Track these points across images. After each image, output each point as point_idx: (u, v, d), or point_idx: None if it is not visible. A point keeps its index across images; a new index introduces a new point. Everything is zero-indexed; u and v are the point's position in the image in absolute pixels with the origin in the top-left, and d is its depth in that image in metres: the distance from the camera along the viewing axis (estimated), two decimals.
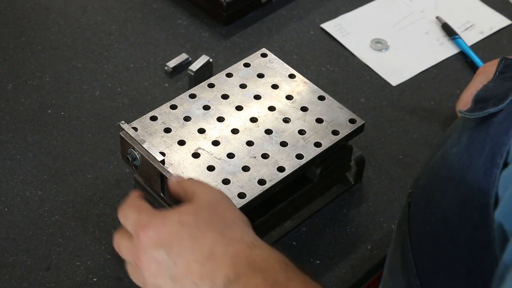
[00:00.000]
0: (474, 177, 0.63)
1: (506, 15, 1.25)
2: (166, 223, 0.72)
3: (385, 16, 1.24)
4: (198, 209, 0.73)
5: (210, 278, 0.68)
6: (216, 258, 0.68)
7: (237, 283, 0.66)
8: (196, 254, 0.69)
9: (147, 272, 0.72)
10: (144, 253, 0.71)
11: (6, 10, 1.20)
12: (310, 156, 0.87)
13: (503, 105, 0.63)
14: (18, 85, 1.08)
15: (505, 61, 0.70)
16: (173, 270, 0.70)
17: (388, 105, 1.09)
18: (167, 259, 0.70)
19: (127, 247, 0.74)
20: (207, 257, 0.69)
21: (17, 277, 0.86)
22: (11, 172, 0.97)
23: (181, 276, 0.70)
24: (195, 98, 0.92)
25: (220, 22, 1.19)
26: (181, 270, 0.70)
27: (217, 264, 0.68)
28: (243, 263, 0.68)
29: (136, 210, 0.74)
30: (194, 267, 0.69)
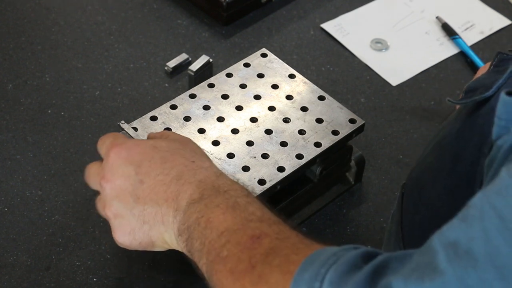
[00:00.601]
0: (463, 167, 0.64)
1: (506, 15, 1.25)
2: (140, 144, 0.74)
3: (385, 16, 1.24)
4: (171, 141, 0.76)
5: (174, 199, 0.69)
6: (183, 181, 0.70)
7: (200, 204, 0.68)
8: (164, 175, 0.70)
9: (110, 191, 0.72)
10: (111, 169, 0.72)
11: (6, 10, 1.20)
12: (310, 156, 0.87)
13: (489, 93, 0.64)
14: (18, 85, 1.08)
15: (500, 55, 0.71)
16: (138, 188, 0.71)
17: (388, 105, 1.09)
18: (134, 176, 0.71)
19: (95, 171, 0.75)
20: (174, 180, 0.70)
21: (17, 277, 0.86)
22: (11, 172, 0.97)
23: (145, 195, 0.71)
24: (195, 98, 0.92)
25: (220, 22, 1.19)
26: (146, 190, 0.71)
27: (183, 186, 0.69)
28: (208, 187, 0.69)
29: (112, 136, 0.77)
30: (160, 187, 0.70)
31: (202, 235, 0.66)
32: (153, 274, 0.87)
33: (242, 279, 0.60)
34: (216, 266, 0.63)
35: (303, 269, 0.55)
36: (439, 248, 0.48)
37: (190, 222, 0.68)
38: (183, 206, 0.69)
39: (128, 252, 0.89)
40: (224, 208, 0.66)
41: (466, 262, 0.47)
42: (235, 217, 0.65)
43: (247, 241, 0.62)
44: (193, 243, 0.67)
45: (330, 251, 0.56)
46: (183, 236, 0.68)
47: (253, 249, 0.61)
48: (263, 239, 0.62)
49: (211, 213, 0.66)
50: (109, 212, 0.73)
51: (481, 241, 0.47)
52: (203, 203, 0.68)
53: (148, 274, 0.87)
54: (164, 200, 0.70)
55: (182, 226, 0.68)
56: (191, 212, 0.68)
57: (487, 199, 0.49)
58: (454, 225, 0.50)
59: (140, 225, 0.72)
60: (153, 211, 0.71)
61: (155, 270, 0.88)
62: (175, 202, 0.69)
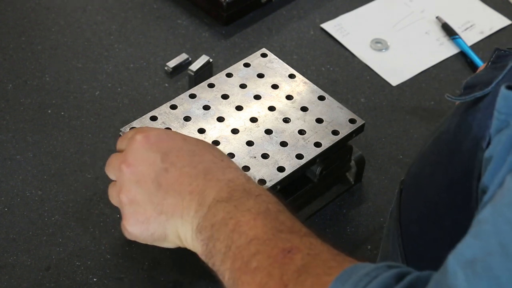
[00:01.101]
0: (460, 162, 0.64)
1: (506, 15, 1.25)
2: (169, 133, 0.71)
3: (385, 16, 1.24)
4: (201, 140, 0.73)
5: (200, 193, 0.66)
6: (211, 177, 0.67)
7: (229, 204, 0.65)
8: (191, 168, 0.68)
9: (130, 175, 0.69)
10: (136, 153, 0.69)
11: (6, 10, 1.20)
12: (310, 156, 0.87)
13: (488, 89, 0.64)
14: (18, 85, 1.08)
15: (498, 52, 0.71)
16: (161, 176, 0.68)
17: (388, 105, 1.09)
18: (159, 163, 0.68)
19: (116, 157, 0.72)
20: (201, 174, 0.67)
21: (17, 277, 0.86)
22: (11, 172, 0.97)
23: (168, 184, 0.68)
24: (195, 98, 0.92)
25: (220, 22, 1.19)
26: (170, 179, 0.67)
27: (211, 182, 0.66)
28: (239, 189, 0.66)
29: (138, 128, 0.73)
30: (184, 179, 0.67)
31: (229, 237, 0.63)
32: (153, 274, 0.87)
33: None
34: (244, 276, 0.60)
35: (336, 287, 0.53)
36: (456, 269, 0.47)
37: (215, 220, 0.64)
38: (209, 202, 0.66)
39: (128, 252, 0.89)
40: (255, 213, 0.63)
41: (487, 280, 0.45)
42: (265, 224, 0.62)
43: (278, 254, 0.59)
44: (215, 244, 0.64)
45: (363, 271, 0.54)
46: (203, 234, 0.65)
47: (284, 265, 0.59)
48: (295, 254, 0.59)
49: (241, 216, 0.63)
50: (125, 197, 0.70)
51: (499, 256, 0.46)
52: (232, 204, 0.65)
53: (148, 274, 0.87)
54: (188, 192, 0.67)
55: (204, 222, 0.65)
56: (218, 210, 0.65)
57: (498, 212, 0.48)
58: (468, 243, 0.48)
59: (157, 215, 0.68)
60: (174, 202, 0.67)
61: (155, 270, 0.88)
62: (200, 196, 0.66)
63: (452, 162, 0.66)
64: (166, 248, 0.89)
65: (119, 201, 0.72)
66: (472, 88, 0.67)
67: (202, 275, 0.87)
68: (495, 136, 0.56)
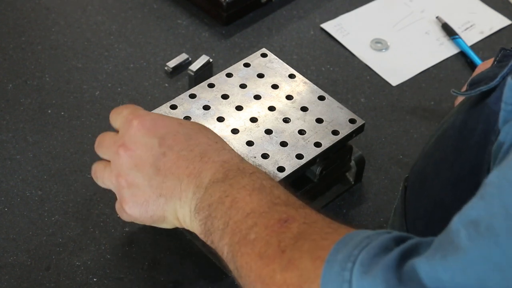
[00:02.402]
0: (467, 157, 0.65)
1: (506, 15, 1.25)
2: (165, 118, 0.73)
3: (385, 16, 1.24)
4: (195, 123, 0.76)
5: (197, 176, 0.68)
6: (207, 159, 0.69)
7: (224, 183, 0.67)
8: (187, 151, 0.70)
9: (128, 159, 0.70)
10: (134, 138, 0.71)
11: (6, 10, 1.20)
12: (310, 156, 0.87)
13: (493, 83, 0.65)
14: (18, 85, 1.08)
15: (504, 51, 0.72)
16: (159, 160, 0.70)
17: (388, 105, 1.09)
18: (157, 148, 0.70)
19: (111, 138, 0.74)
20: (198, 157, 0.69)
21: (17, 277, 0.86)
22: (11, 172, 0.97)
23: (166, 168, 0.70)
24: (195, 98, 0.92)
25: (220, 22, 1.19)
26: (168, 163, 0.70)
27: (207, 164, 0.69)
28: (233, 168, 0.69)
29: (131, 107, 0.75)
30: (182, 162, 0.69)
31: (226, 214, 0.65)
32: (153, 274, 0.87)
33: (271, 263, 0.60)
34: (243, 248, 0.63)
35: (337, 251, 0.55)
36: (460, 227, 0.49)
37: (212, 200, 0.67)
38: (205, 183, 0.68)
39: (128, 252, 0.89)
40: (250, 189, 0.66)
41: (488, 239, 0.47)
42: (261, 199, 0.65)
43: (274, 224, 0.62)
44: (213, 222, 0.66)
45: (364, 234, 0.56)
46: (201, 214, 0.67)
47: (281, 233, 0.61)
48: (291, 223, 0.62)
49: (237, 193, 0.66)
50: (123, 181, 0.71)
51: (502, 217, 0.47)
52: (227, 183, 0.67)
53: (148, 274, 0.87)
54: (186, 175, 0.69)
55: (201, 203, 0.68)
56: (214, 190, 0.67)
57: (503, 175, 0.49)
58: (473, 204, 0.50)
59: (156, 197, 0.70)
60: (172, 184, 0.69)
61: (155, 270, 0.88)
62: (197, 179, 0.68)
63: (458, 158, 0.66)
64: (166, 248, 0.89)
65: (116, 184, 0.73)
66: (477, 84, 0.68)
67: (202, 275, 0.87)
68: (504, 127, 0.56)
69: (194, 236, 0.90)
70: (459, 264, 0.48)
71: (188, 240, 0.91)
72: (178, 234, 0.91)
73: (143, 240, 0.90)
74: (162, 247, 0.90)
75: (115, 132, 0.75)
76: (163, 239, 0.90)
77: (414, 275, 0.49)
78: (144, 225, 0.91)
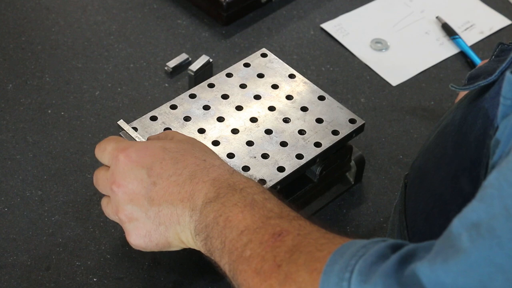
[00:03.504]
0: (466, 152, 0.65)
1: (506, 15, 1.25)
2: (148, 146, 0.73)
3: (385, 16, 1.24)
4: (179, 141, 0.75)
5: (190, 199, 0.69)
6: (197, 180, 0.70)
7: (216, 202, 0.67)
8: (177, 176, 0.70)
9: (123, 195, 0.72)
10: (123, 173, 0.72)
11: (6, 10, 1.20)
12: (310, 156, 0.87)
13: (492, 78, 0.65)
14: (18, 85, 1.08)
15: (502, 46, 0.72)
16: (151, 191, 0.70)
17: (388, 105, 1.09)
18: (146, 178, 0.71)
19: (104, 176, 0.75)
20: (188, 179, 0.70)
21: (17, 277, 0.86)
22: (11, 172, 0.97)
23: (159, 197, 0.70)
24: (195, 98, 0.92)
25: (220, 22, 1.19)
26: (160, 192, 0.70)
27: (198, 185, 0.69)
28: (224, 186, 0.69)
29: (113, 140, 0.75)
30: (173, 188, 0.70)
31: (222, 234, 0.66)
32: (153, 274, 0.87)
33: (268, 279, 0.60)
34: (240, 266, 0.63)
35: (333, 261, 0.55)
36: (461, 231, 0.49)
37: (208, 221, 0.67)
38: (199, 206, 0.68)
39: (128, 252, 0.89)
40: (242, 206, 0.66)
41: (490, 241, 0.47)
42: (253, 215, 0.65)
43: (269, 239, 0.62)
44: (212, 242, 0.67)
45: (359, 244, 0.56)
46: (201, 236, 0.68)
47: (276, 248, 0.61)
48: (285, 236, 0.62)
49: (229, 211, 0.66)
50: (123, 216, 0.73)
51: (503, 218, 0.47)
52: (220, 202, 0.67)
53: (148, 274, 0.87)
54: (179, 200, 0.70)
55: (199, 225, 0.68)
56: (208, 211, 0.68)
57: (503, 177, 0.49)
58: (473, 207, 0.50)
59: (156, 227, 0.72)
60: (169, 212, 0.70)
61: (155, 270, 0.88)
62: (190, 202, 0.69)
63: (457, 153, 0.67)
64: None
65: (118, 220, 0.75)
66: (476, 79, 0.68)
67: (202, 275, 0.87)
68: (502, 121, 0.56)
69: None
70: (461, 267, 0.47)
71: None
72: None
73: None
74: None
75: (106, 167, 0.76)
76: None
77: (415, 279, 0.49)
78: None
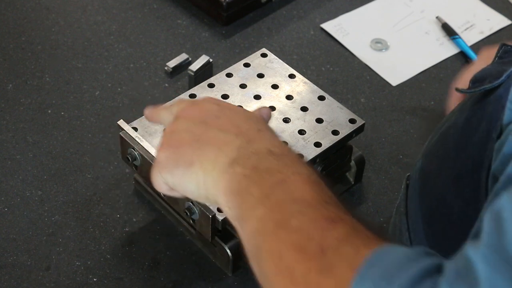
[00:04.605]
0: (469, 154, 0.64)
1: (506, 15, 1.25)
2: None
3: (385, 16, 1.24)
4: None
5: (248, 138, 0.63)
6: (264, 134, 0.64)
7: (281, 160, 0.61)
8: (244, 122, 0.65)
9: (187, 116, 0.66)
10: (195, 102, 0.68)
11: (6, 10, 1.20)
12: (310, 156, 0.87)
13: (498, 82, 0.64)
14: (18, 85, 1.08)
15: (505, 47, 0.72)
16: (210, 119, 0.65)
17: (388, 105, 1.09)
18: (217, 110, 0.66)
19: (170, 107, 0.70)
20: (255, 129, 0.64)
21: (17, 277, 0.86)
22: (11, 172, 0.97)
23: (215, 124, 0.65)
24: (195, 98, 0.92)
25: (220, 22, 1.19)
26: (218, 122, 0.65)
27: (265, 136, 0.64)
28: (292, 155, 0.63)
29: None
30: (235, 125, 0.64)
31: (271, 187, 0.59)
32: (153, 274, 0.87)
33: (309, 261, 0.54)
34: (280, 231, 0.56)
35: (371, 264, 0.51)
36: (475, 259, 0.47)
37: (260, 165, 0.60)
38: (257, 147, 0.62)
39: (128, 252, 0.89)
40: (306, 178, 0.60)
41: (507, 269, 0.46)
42: (315, 191, 0.59)
43: (322, 220, 0.56)
44: (250, 186, 0.59)
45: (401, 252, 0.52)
46: (238, 169, 0.61)
47: (327, 231, 0.55)
48: (338, 223, 0.56)
49: (291, 175, 0.60)
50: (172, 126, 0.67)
51: None
52: (284, 161, 0.61)
53: (148, 274, 0.87)
54: (235, 133, 0.63)
55: (244, 160, 0.61)
56: (267, 159, 0.61)
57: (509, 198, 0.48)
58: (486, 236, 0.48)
59: (192, 141, 0.64)
60: (215, 135, 0.64)
61: (155, 270, 0.88)
62: (248, 138, 0.63)
63: (460, 155, 0.66)
64: (166, 248, 0.89)
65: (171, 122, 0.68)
66: (481, 82, 0.68)
67: (202, 275, 0.87)
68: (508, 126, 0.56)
69: (194, 236, 0.90)
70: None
71: (188, 240, 0.91)
72: (178, 234, 0.91)
73: (143, 240, 0.90)
74: (162, 247, 0.90)
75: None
76: (163, 239, 0.90)
77: None
78: (144, 225, 0.92)
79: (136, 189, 0.95)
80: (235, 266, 0.86)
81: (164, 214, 0.93)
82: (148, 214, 0.93)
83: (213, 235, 0.82)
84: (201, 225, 0.82)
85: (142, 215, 0.93)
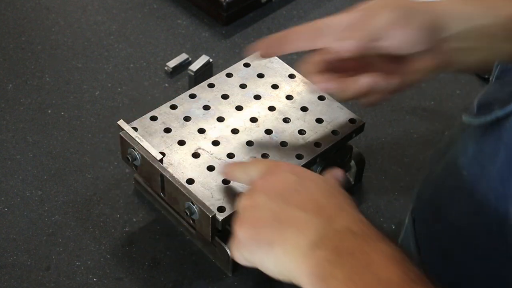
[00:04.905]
0: (489, 185, 0.62)
1: None
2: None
3: None
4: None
5: (328, 217, 0.62)
6: (343, 211, 0.63)
7: (360, 238, 0.60)
8: (324, 196, 0.65)
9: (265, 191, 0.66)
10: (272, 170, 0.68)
11: (6, 10, 1.20)
12: (310, 156, 0.87)
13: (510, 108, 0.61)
14: (18, 85, 1.08)
15: (501, 66, 0.69)
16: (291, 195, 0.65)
17: (388, 105, 1.09)
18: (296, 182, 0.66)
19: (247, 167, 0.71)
20: (333, 206, 0.64)
21: (17, 277, 0.86)
22: (11, 172, 0.97)
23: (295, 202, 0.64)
24: (195, 98, 0.92)
25: (220, 22, 1.19)
26: (298, 198, 0.64)
27: (343, 213, 0.63)
28: (371, 231, 0.62)
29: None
30: (313, 202, 0.64)
31: (354, 269, 0.58)
32: (153, 274, 0.87)
33: None
34: None
35: None
36: None
37: (341, 246, 0.60)
38: (337, 226, 0.61)
39: (128, 252, 0.89)
40: (391, 256, 0.59)
41: None
42: (401, 271, 0.57)
43: None
44: (333, 270, 0.58)
45: None
46: (320, 252, 0.60)
47: None
48: None
49: (374, 254, 0.59)
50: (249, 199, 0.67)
51: None
52: (364, 240, 0.60)
53: (148, 274, 0.87)
54: (314, 212, 0.63)
55: (326, 241, 0.60)
56: (347, 238, 0.60)
57: None
58: None
59: (272, 220, 0.64)
60: (296, 215, 0.63)
61: (155, 270, 0.88)
62: (327, 219, 0.62)
63: (477, 186, 0.63)
64: (166, 248, 0.89)
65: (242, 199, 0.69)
66: (488, 107, 0.64)
67: (202, 275, 0.87)
68: None
69: (194, 236, 0.90)
70: None
71: (188, 240, 0.91)
72: (178, 234, 0.91)
73: (143, 240, 0.90)
74: (162, 247, 0.90)
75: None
76: (163, 239, 0.90)
77: None
78: (144, 225, 0.92)
79: (136, 189, 0.95)
80: (235, 266, 0.86)
81: (164, 214, 0.93)
82: (148, 214, 0.93)
83: (213, 235, 0.82)
84: (201, 225, 0.82)
85: (142, 215, 0.93)
